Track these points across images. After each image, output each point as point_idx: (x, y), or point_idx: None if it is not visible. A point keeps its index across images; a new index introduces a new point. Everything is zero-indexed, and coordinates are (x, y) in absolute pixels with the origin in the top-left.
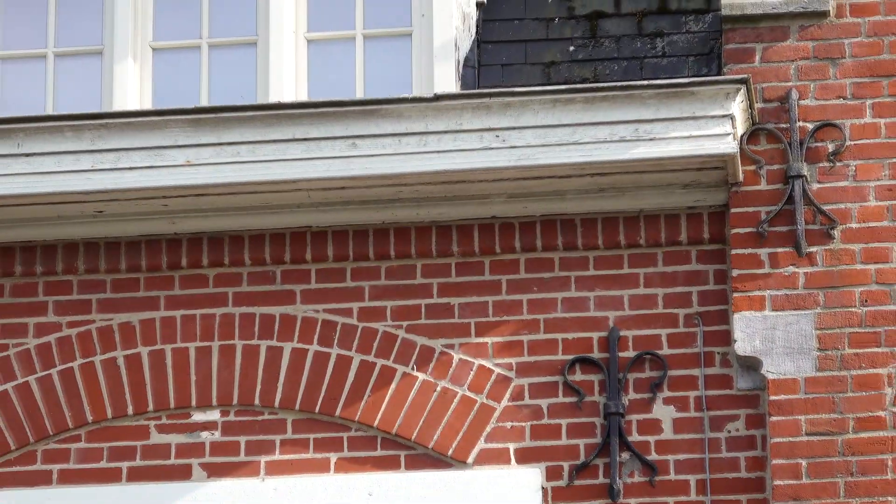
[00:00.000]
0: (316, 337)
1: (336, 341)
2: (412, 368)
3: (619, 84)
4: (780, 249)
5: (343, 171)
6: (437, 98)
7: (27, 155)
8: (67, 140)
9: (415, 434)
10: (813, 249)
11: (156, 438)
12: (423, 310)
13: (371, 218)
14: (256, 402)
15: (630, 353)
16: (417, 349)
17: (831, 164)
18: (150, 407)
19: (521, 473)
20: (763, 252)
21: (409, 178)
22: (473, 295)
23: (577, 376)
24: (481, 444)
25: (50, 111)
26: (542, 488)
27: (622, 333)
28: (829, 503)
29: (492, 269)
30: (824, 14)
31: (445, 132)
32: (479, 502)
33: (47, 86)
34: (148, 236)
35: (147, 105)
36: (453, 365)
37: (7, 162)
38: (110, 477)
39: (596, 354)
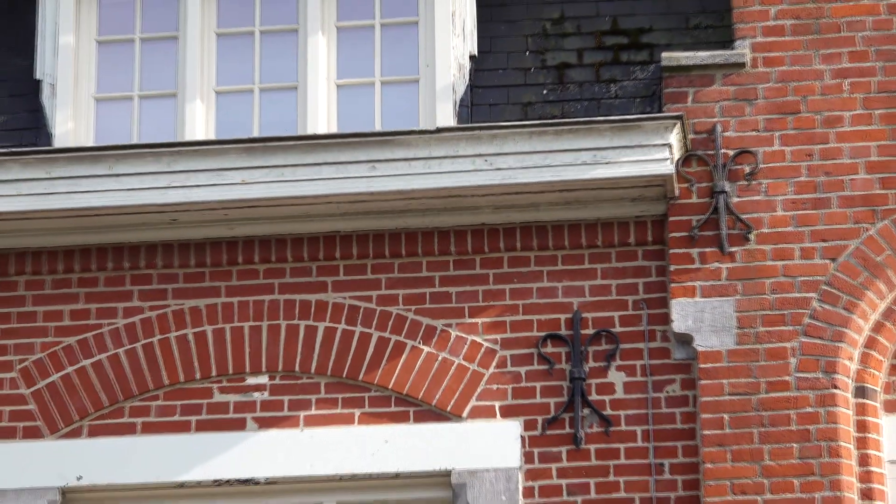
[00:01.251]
0: (343, 318)
1: (359, 321)
2: (419, 343)
3: (581, 119)
4: (707, 249)
5: (365, 188)
6: (439, 130)
7: (117, 175)
8: (148, 163)
9: (421, 394)
10: (733, 249)
11: (218, 397)
12: (427, 297)
13: (386, 225)
14: (297, 368)
15: (590, 331)
16: (423, 328)
17: (748, 183)
18: (214, 372)
19: (504, 425)
20: (694, 251)
21: (417, 194)
22: (467, 285)
23: (549, 349)
24: (473, 402)
25: (135, 141)
26: (521, 437)
27: (584, 315)
28: (746, 448)
29: (481, 265)
30: (742, 65)
31: (445, 157)
32: (472, 447)
33: (133, 121)
34: (211, 239)
35: (211, 136)
36: (451, 340)
37: (101, 181)
38: (182, 428)
39: (563, 332)
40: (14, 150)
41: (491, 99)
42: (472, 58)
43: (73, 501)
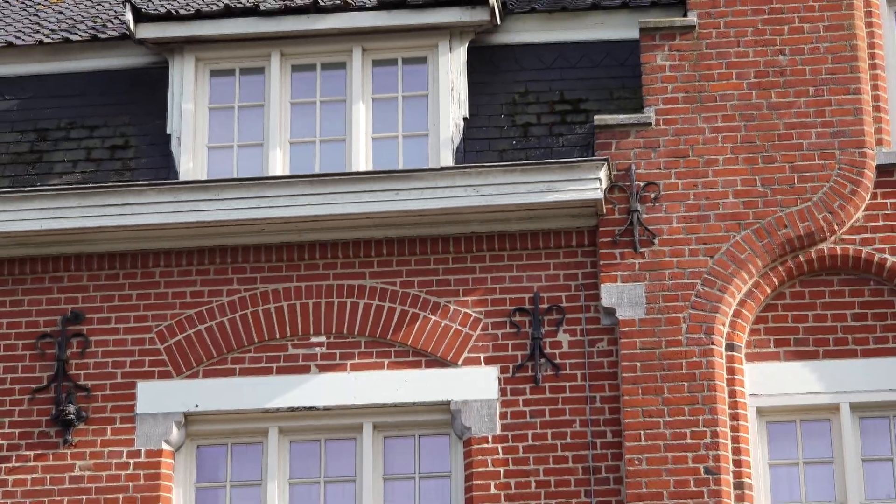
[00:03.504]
0: (377, 296)
1: (387, 299)
2: (428, 313)
3: (539, 161)
4: (625, 250)
5: (392, 208)
6: (442, 169)
7: (222, 199)
8: (243, 191)
9: (430, 348)
10: (643, 250)
11: (291, 350)
12: (434, 282)
13: (407, 233)
14: (345, 331)
15: (545, 306)
16: (431, 303)
17: (653, 204)
18: (288, 334)
19: (487, 370)
20: (616, 251)
21: (427, 212)
22: (461, 274)
23: (517, 318)
24: (466, 354)
25: (234, 176)
26: (498, 378)
27: (541, 295)
28: (652, 385)
29: (471, 261)
30: (649, 124)
31: (446, 187)
32: (465, 385)
33: (233, 162)
34: (286, 243)
35: (286, 172)
36: (450, 312)
37: (211, 203)
38: (267, 371)
39: (527, 306)
40: (152, 182)
41: (477, 147)
42: (464, 119)
43: (192, 422)
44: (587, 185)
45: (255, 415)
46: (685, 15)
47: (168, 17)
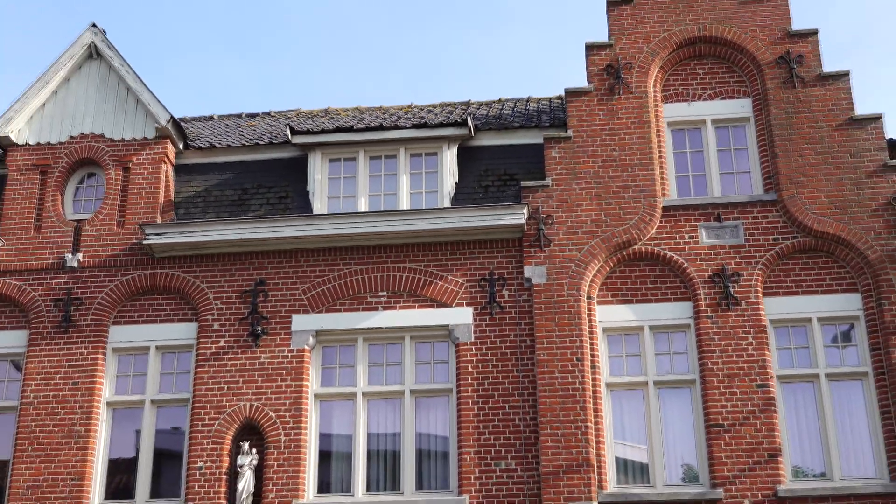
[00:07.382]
0: (413, 272)
1: (418, 273)
2: (438, 280)
3: (493, 204)
4: (536, 248)
5: (420, 227)
6: (444, 208)
7: (333, 223)
8: (346, 219)
9: (439, 298)
10: (546, 249)
11: (369, 299)
12: (440, 265)
13: (427, 240)
14: (396, 290)
15: (496, 276)
16: (440, 275)
17: (550, 225)
18: (366, 290)
19: (467, 309)
20: (531, 250)
21: (438, 230)
22: (454, 261)
23: (482, 282)
24: (456, 301)
25: (341, 211)
26: (473, 313)
27: (494, 271)
28: (550, 318)
29: (459, 254)
30: (548, 186)
31: (447, 217)
32: (456, 316)
33: (340, 204)
34: (368, 245)
35: (366, 209)
36: (449, 279)
37: (330, 226)
38: (356, 310)
39: (487, 277)
40: (300, 214)
41: (462, 197)
42: (455, 184)
43: (320, 335)
44: (517, 216)
45: (350, 332)
46: (566, 131)
47: (308, 132)
